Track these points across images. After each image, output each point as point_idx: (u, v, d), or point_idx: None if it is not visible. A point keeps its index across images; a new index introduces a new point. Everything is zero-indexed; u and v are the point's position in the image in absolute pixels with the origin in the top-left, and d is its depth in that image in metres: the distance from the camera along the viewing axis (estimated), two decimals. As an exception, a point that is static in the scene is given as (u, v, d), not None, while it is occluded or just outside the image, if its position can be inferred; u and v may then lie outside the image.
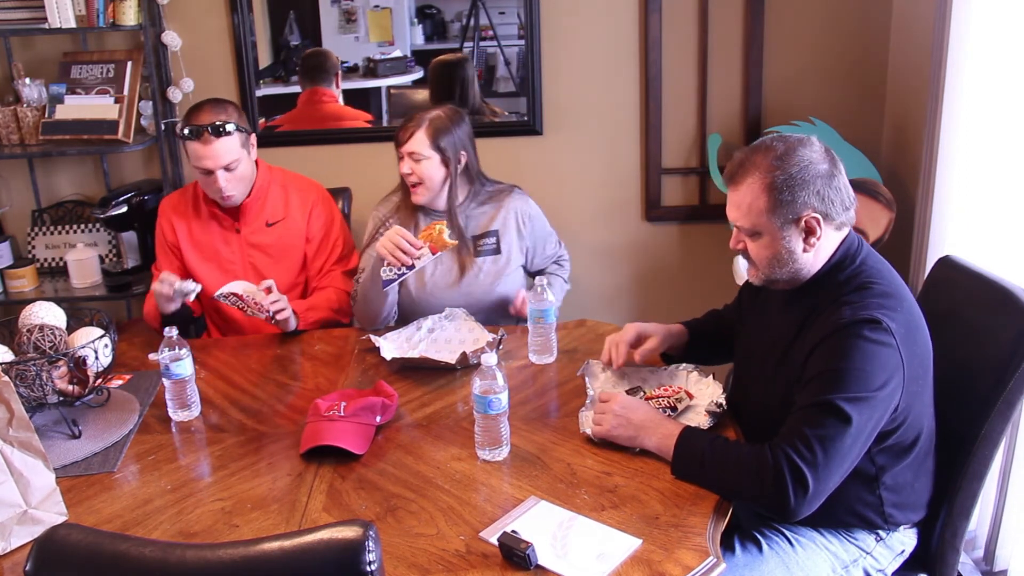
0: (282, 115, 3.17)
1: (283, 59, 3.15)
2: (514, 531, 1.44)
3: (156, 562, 1.09)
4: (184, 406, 1.95)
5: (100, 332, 1.92)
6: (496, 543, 1.44)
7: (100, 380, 1.92)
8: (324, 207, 2.58)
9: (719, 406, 1.79)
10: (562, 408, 1.94)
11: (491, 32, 3.12)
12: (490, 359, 1.70)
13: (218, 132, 2.32)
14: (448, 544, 1.48)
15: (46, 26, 2.81)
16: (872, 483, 1.68)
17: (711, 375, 1.95)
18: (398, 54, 3.16)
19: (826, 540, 1.72)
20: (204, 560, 1.09)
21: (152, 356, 2.23)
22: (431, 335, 2.29)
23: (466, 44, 3.14)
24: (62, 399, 1.86)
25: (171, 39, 2.99)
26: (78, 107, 2.95)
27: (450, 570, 1.42)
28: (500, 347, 2.16)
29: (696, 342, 2.04)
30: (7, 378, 1.53)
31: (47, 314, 1.95)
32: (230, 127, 2.33)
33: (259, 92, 3.11)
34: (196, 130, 2.32)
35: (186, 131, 2.34)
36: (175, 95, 3.03)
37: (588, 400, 1.88)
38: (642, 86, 3.08)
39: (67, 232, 3.16)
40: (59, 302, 2.06)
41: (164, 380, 1.94)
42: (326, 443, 1.73)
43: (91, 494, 1.68)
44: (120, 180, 3.17)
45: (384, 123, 3.24)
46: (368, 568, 1.06)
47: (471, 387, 1.74)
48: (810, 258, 1.67)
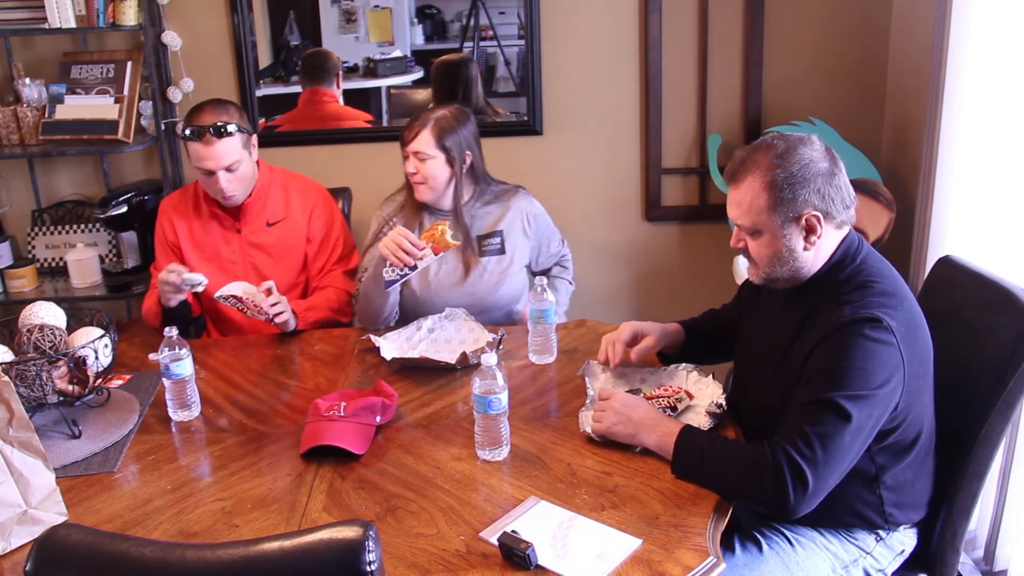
0: (282, 115, 3.17)
1: (283, 59, 3.15)
2: (514, 531, 1.44)
3: (156, 562, 1.09)
4: (184, 406, 1.95)
5: (100, 332, 1.92)
6: (496, 543, 1.44)
7: (100, 380, 1.92)
8: (325, 207, 2.58)
9: (719, 407, 1.79)
10: (562, 408, 1.94)
11: (491, 32, 3.12)
12: (490, 359, 1.70)
13: (220, 133, 2.32)
14: (448, 544, 1.48)
15: (46, 26, 2.82)
16: (872, 482, 1.67)
17: (711, 375, 1.95)
18: (398, 54, 3.16)
19: (826, 540, 1.72)
20: (204, 560, 1.09)
21: (152, 356, 2.23)
22: (431, 335, 2.29)
23: (466, 44, 3.14)
24: (62, 399, 1.86)
25: (171, 39, 2.99)
26: (78, 107, 2.95)
27: (450, 570, 1.42)
28: (500, 347, 2.16)
29: (692, 341, 2.04)
30: (7, 378, 1.53)
31: (47, 314, 1.95)
32: (232, 128, 2.33)
33: (259, 92, 3.11)
34: (198, 131, 2.32)
35: (187, 132, 2.34)
36: (175, 95, 3.03)
37: (588, 400, 1.88)
38: (642, 86, 3.08)
39: (67, 232, 3.16)
40: (59, 302, 2.06)
41: (164, 380, 1.94)
42: (326, 443, 1.73)
43: (91, 494, 1.68)
44: (120, 180, 3.17)
45: (384, 123, 3.24)
46: (368, 568, 1.06)
47: (471, 387, 1.74)
48: (811, 256, 1.67)
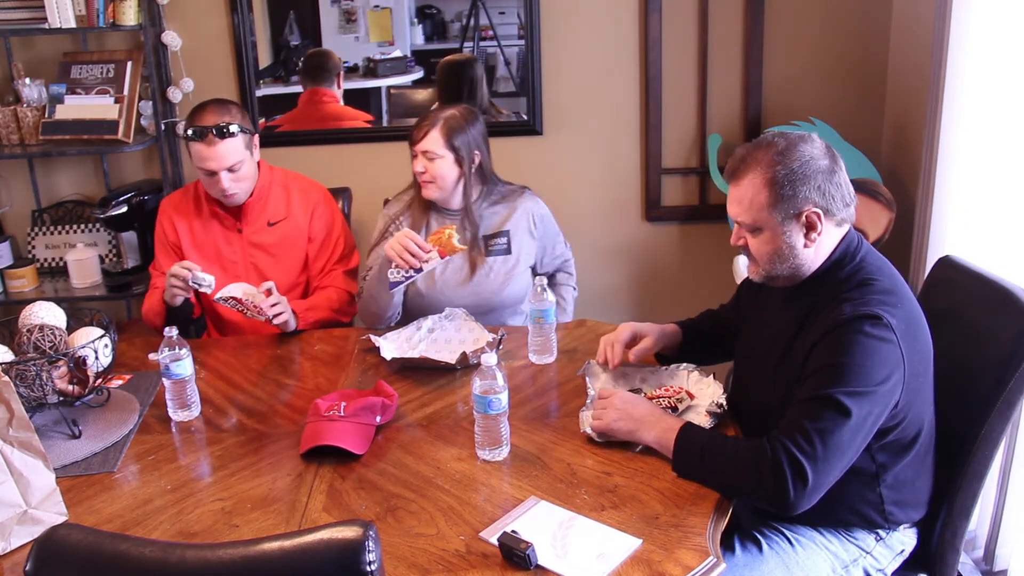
0: (282, 115, 3.17)
1: (283, 59, 3.15)
2: (514, 531, 1.44)
3: (156, 562, 1.09)
4: (184, 406, 1.95)
5: (100, 332, 1.92)
6: (496, 543, 1.44)
7: (100, 380, 1.92)
8: (326, 207, 2.58)
9: (720, 406, 1.79)
10: (562, 408, 1.94)
11: (491, 32, 3.12)
12: (490, 359, 1.70)
13: (222, 134, 2.31)
14: (448, 544, 1.48)
15: (46, 26, 2.82)
16: (873, 481, 1.68)
17: (711, 375, 1.95)
18: (398, 54, 3.16)
19: (826, 540, 1.72)
20: (204, 560, 1.09)
21: (152, 356, 2.23)
22: (431, 335, 2.28)
23: (466, 44, 3.14)
24: (62, 399, 1.86)
25: (171, 39, 2.99)
26: (78, 107, 2.95)
27: (450, 570, 1.41)
28: (500, 347, 2.16)
29: (690, 342, 2.04)
30: (7, 378, 1.53)
31: (47, 314, 1.95)
32: (234, 128, 2.33)
33: (259, 92, 3.11)
34: (200, 131, 2.32)
35: (189, 132, 2.34)
36: (175, 95, 3.03)
37: (588, 400, 1.88)
38: (642, 86, 3.08)
39: (67, 232, 3.16)
40: (59, 302, 2.06)
41: (164, 380, 1.93)
42: (326, 443, 1.73)
43: (91, 494, 1.68)
44: (120, 180, 3.17)
45: (384, 123, 3.24)
46: (368, 568, 1.06)
47: (471, 387, 1.74)
48: (811, 254, 1.67)
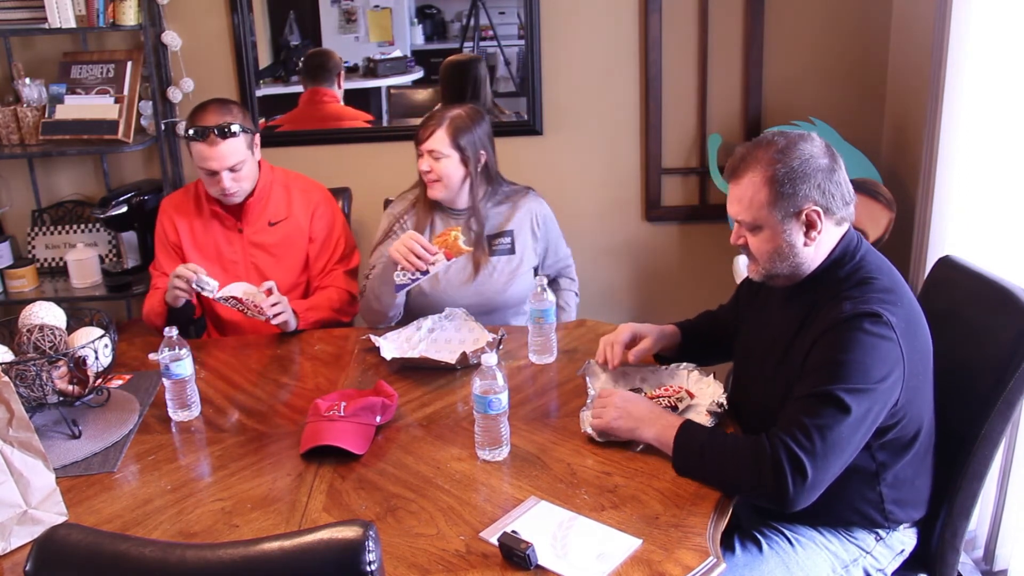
0: (283, 115, 3.17)
1: (283, 59, 3.15)
2: (514, 531, 1.44)
3: (156, 562, 1.09)
4: (184, 406, 1.95)
5: (100, 332, 1.92)
6: (496, 543, 1.44)
7: (100, 380, 1.92)
8: (327, 207, 2.58)
9: (720, 406, 1.79)
10: (562, 408, 1.94)
11: (491, 32, 3.12)
12: (490, 359, 1.70)
13: (224, 134, 2.31)
14: (448, 544, 1.48)
15: (46, 26, 2.82)
16: (873, 480, 1.68)
17: (711, 374, 1.95)
18: (398, 54, 3.16)
19: (826, 540, 1.72)
20: (204, 560, 1.09)
21: (152, 356, 2.23)
22: (431, 335, 2.28)
23: (466, 44, 3.14)
24: (62, 399, 1.86)
25: (171, 39, 2.99)
26: (78, 107, 2.95)
27: (450, 570, 1.41)
28: (500, 347, 2.16)
29: (689, 343, 2.04)
30: (7, 378, 1.53)
31: (47, 314, 1.95)
32: (236, 128, 2.33)
33: (259, 92, 3.11)
34: (202, 131, 2.31)
35: (191, 132, 2.33)
36: (175, 95, 3.03)
37: (589, 400, 1.88)
38: (642, 86, 3.08)
39: (67, 232, 3.16)
40: (59, 302, 2.06)
41: (164, 380, 1.93)
42: (326, 443, 1.73)
43: (91, 494, 1.68)
44: (120, 180, 3.17)
45: (384, 123, 3.24)
46: (368, 568, 1.06)
47: (471, 387, 1.74)
48: (811, 252, 1.67)
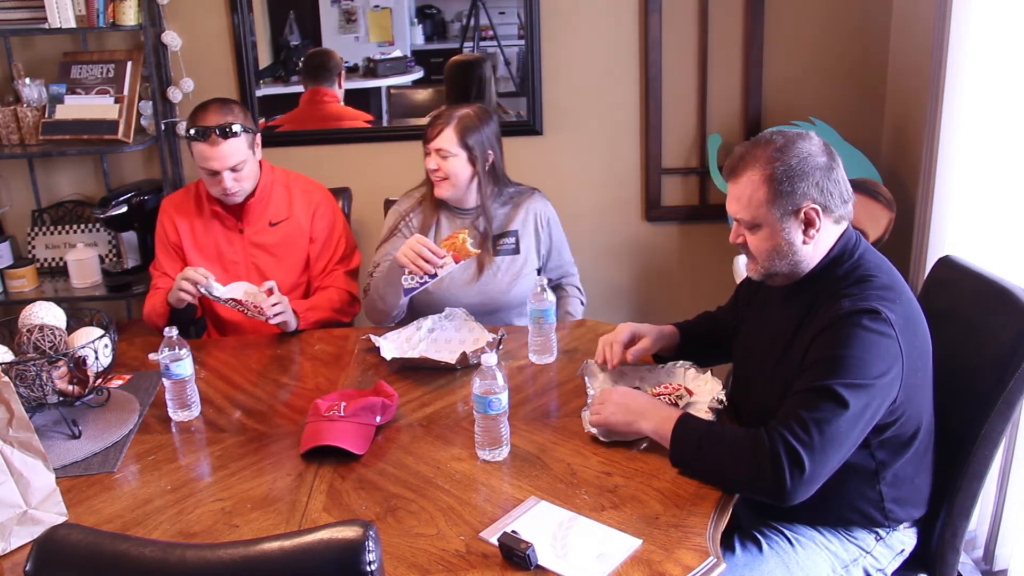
0: (283, 115, 3.17)
1: (283, 59, 3.15)
2: (514, 531, 1.44)
3: (156, 562, 1.09)
4: (184, 406, 1.95)
5: (100, 332, 1.92)
6: (496, 543, 1.44)
7: (100, 380, 1.92)
8: (328, 207, 2.58)
9: (720, 402, 1.80)
10: (562, 408, 1.94)
11: (491, 32, 3.12)
12: (490, 359, 1.70)
13: (225, 134, 2.31)
14: (448, 544, 1.48)
15: (46, 26, 2.82)
16: (872, 478, 1.68)
17: (708, 371, 1.96)
18: (398, 54, 3.16)
19: (826, 540, 1.72)
20: (204, 560, 1.09)
21: (152, 356, 2.23)
22: (431, 335, 2.28)
23: (466, 44, 3.14)
24: (62, 399, 1.86)
25: (171, 39, 3.00)
26: (78, 107, 2.95)
27: (450, 570, 1.42)
28: (500, 347, 2.16)
29: (687, 343, 2.05)
30: (7, 378, 1.53)
31: (47, 314, 1.95)
32: (237, 128, 2.33)
33: (259, 92, 3.11)
34: (203, 131, 2.31)
35: (192, 132, 2.33)
36: (175, 95, 3.03)
37: (589, 400, 1.88)
38: (642, 86, 3.08)
39: (67, 232, 3.16)
40: (59, 302, 2.06)
41: (164, 380, 1.93)
42: (326, 443, 1.73)
43: (91, 494, 1.68)
44: (120, 180, 3.17)
45: (384, 123, 3.24)
46: (368, 568, 1.06)
47: (471, 387, 1.74)
48: (809, 250, 1.67)
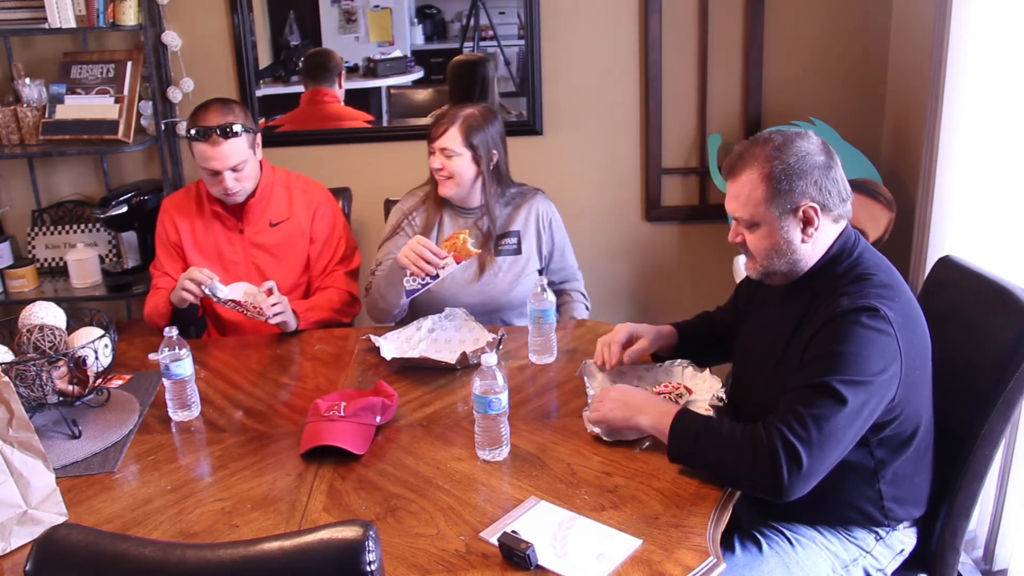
0: (283, 115, 3.17)
1: (283, 59, 3.15)
2: (514, 531, 1.44)
3: (156, 562, 1.09)
4: (184, 406, 1.95)
5: (100, 332, 1.92)
6: (496, 543, 1.44)
7: (100, 380, 1.92)
8: (328, 208, 2.58)
9: (720, 399, 1.80)
10: (562, 408, 1.94)
11: (491, 32, 3.12)
12: (490, 359, 1.70)
13: (226, 133, 2.31)
14: (448, 544, 1.48)
15: (46, 26, 2.82)
16: (872, 477, 1.68)
17: (707, 369, 1.96)
18: (398, 54, 3.16)
19: (826, 540, 1.72)
20: (204, 560, 1.09)
21: (152, 356, 2.23)
22: (431, 335, 2.28)
23: (466, 44, 3.14)
24: (62, 399, 1.86)
25: (171, 39, 3.00)
26: (78, 107, 2.95)
27: (450, 570, 1.42)
28: (500, 347, 2.16)
29: (686, 343, 2.05)
30: (7, 378, 1.53)
31: (47, 314, 1.95)
32: (238, 128, 2.33)
33: (259, 92, 3.11)
34: (204, 131, 2.31)
35: (193, 132, 2.33)
36: (175, 95, 3.03)
37: (589, 400, 1.88)
38: (642, 86, 3.08)
39: (67, 232, 3.16)
40: (59, 302, 2.06)
41: (164, 380, 1.93)
42: (326, 443, 1.73)
43: (91, 494, 1.68)
44: (120, 180, 3.17)
45: (384, 123, 3.24)
46: (368, 568, 1.06)
47: (471, 387, 1.74)
48: (808, 249, 1.67)
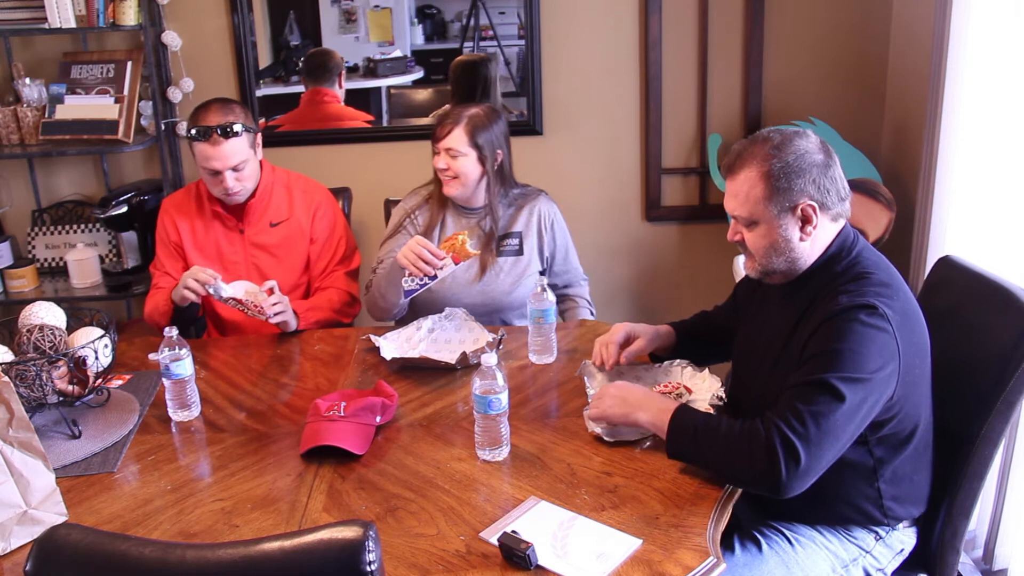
0: (283, 115, 3.17)
1: (283, 59, 3.15)
2: (514, 531, 1.44)
3: (156, 562, 1.09)
4: (184, 406, 1.95)
5: (100, 332, 1.92)
6: (496, 543, 1.44)
7: (100, 380, 1.92)
8: (328, 208, 2.58)
9: (720, 399, 1.80)
10: (562, 408, 1.94)
11: (491, 32, 3.12)
12: (490, 359, 1.70)
13: (227, 133, 2.31)
14: (448, 544, 1.48)
15: (46, 26, 2.82)
16: (871, 476, 1.68)
17: (706, 369, 1.96)
18: (398, 54, 3.16)
19: (826, 539, 1.72)
20: (204, 560, 1.09)
21: (152, 356, 2.23)
22: (431, 335, 2.28)
23: (466, 44, 3.14)
24: (62, 399, 1.86)
25: (171, 39, 2.99)
26: (78, 107, 2.95)
27: (450, 570, 1.42)
28: (500, 347, 2.16)
29: (683, 343, 2.05)
30: (7, 378, 1.53)
31: (47, 314, 1.95)
32: (238, 127, 2.33)
33: (259, 92, 3.12)
34: (204, 131, 2.31)
35: (193, 132, 2.33)
36: (175, 95, 3.03)
37: (589, 400, 1.88)
38: (642, 86, 3.08)
39: (67, 232, 3.16)
40: (59, 302, 2.06)
41: (164, 380, 1.93)
42: (326, 443, 1.73)
43: (91, 494, 1.68)
44: (120, 180, 3.17)
45: (384, 123, 3.24)
46: (368, 568, 1.06)
47: (471, 387, 1.74)
48: (807, 247, 1.67)
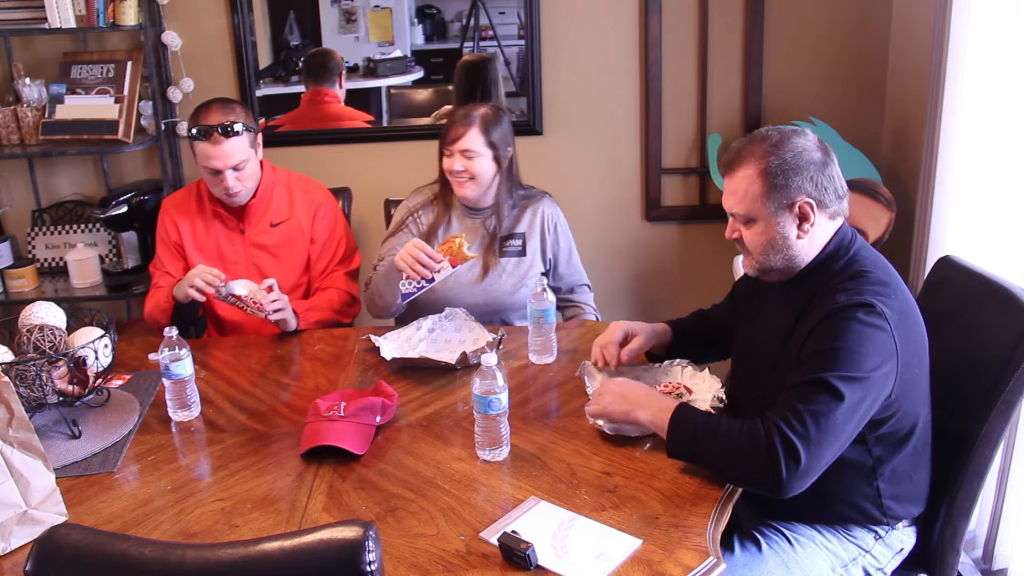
0: (283, 115, 3.17)
1: (283, 59, 3.15)
2: (514, 531, 1.44)
3: (156, 562, 1.09)
4: (184, 406, 1.95)
5: (100, 332, 1.92)
6: (496, 543, 1.44)
7: (100, 380, 1.92)
8: (329, 208, 2.58)
9: (721, 400, 1.80)
10: (562, 408, 1.94)
11: (491, 32, 3.12)
12: (490, 359, 1.70)
13: (228, 132, 2.31)
14: (448, 544, 1.48)
15: (46, 26, 2.82)
16: (870, 475, 1.68)
17: (706, 368, 1.96)
18: (398, 54, 3.16)
19: (825, 539, 1.72)
20: (204, 560, 1.09)
21: (152, 356, 2.23)
22: (431, 335, 2.28)
23: (466, 44, 3.14)
24: (62, 399, 1.86)
25: (171, 39, 2.99)
26: (78, 107, 2.95)
27: (450, 570, 1.42)
28: (500, 347, 2.16)
29: (681, 341, 2.05)
30: (7, 378, 1.53)
31: (47, 314, 1.95)
32: (239, 127, 2.33)
33: (259, 92, 3.12)
34: (205, 130, 2.32)
35: (194, 131, 2.33)
36: (175, 95, 3.03)
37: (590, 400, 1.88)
38: (642, 86, 3.08)
39: (67, 232, 3.16)
40: (59, 302, 2.06)
41: (164, 380, 1.93)
42: (326, 443, 1.73)
43: (91, 494, 1.68)
44: (120, 180, 3.17)
45: (384, 123, 3.24)
46: (368, 568, 1.07)
47: (471, 387, 1.74)
48: (804, 245, 1.67)
